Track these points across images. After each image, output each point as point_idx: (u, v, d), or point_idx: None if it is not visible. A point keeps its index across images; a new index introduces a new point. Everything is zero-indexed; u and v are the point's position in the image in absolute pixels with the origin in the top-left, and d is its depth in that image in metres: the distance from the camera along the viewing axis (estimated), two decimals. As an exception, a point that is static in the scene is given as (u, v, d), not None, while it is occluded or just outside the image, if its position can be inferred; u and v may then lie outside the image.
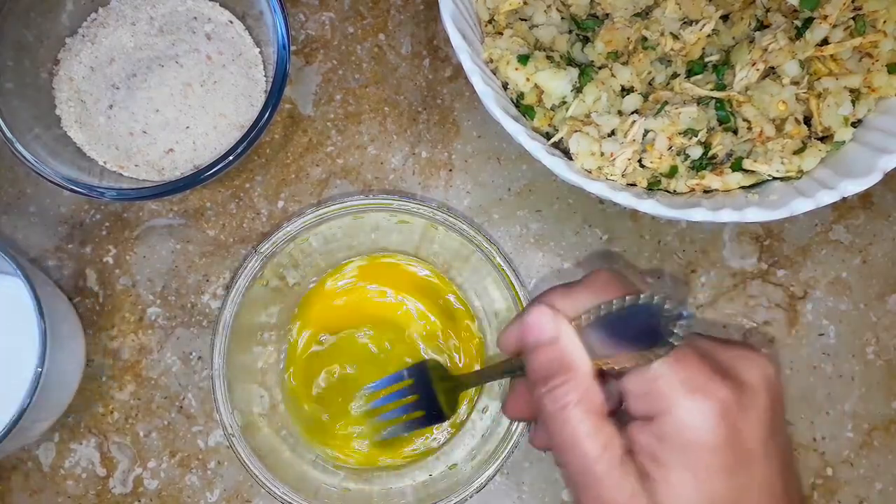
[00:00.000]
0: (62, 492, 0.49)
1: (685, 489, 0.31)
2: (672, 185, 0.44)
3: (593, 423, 0.32)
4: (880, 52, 0.42)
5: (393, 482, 0.47)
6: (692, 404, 0.31)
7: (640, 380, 0.32)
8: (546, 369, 0.34)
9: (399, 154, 0.51)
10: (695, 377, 0.31)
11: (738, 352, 0.34)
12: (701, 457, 0.31)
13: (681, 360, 0.32)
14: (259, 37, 0.49)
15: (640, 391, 0.32)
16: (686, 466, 0.31)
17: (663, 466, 0.31)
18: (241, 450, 0.44)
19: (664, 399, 0.31)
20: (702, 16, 0.44)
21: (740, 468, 0.31)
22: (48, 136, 0.46)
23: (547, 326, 0.34)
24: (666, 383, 0.31)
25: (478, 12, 0.47)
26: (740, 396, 0.32)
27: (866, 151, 0.41)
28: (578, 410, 0.32)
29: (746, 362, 0.33)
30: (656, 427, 0.32)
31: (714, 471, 0.31)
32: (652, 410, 0.32)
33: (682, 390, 0.31)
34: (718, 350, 0.33)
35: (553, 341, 0.34)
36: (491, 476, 0.45)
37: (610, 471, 0.32)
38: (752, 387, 0.32)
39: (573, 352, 0.33)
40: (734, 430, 0.31)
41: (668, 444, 0.31)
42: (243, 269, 0.45)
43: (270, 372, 0.48)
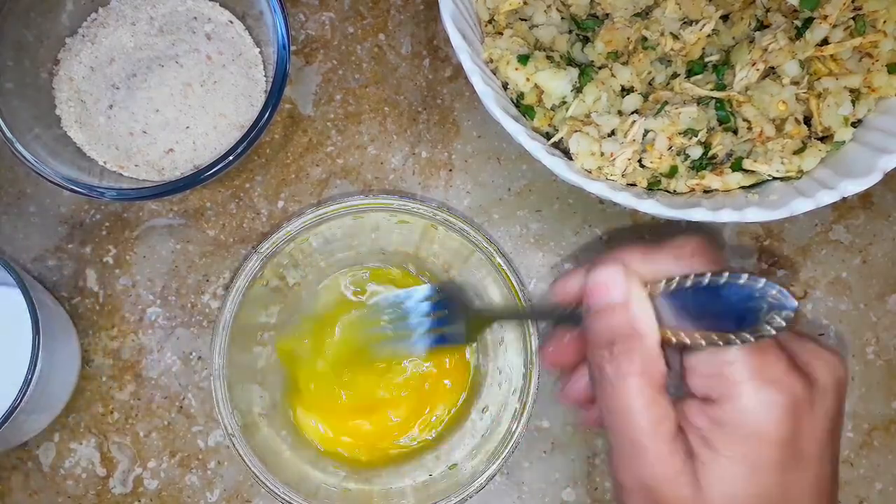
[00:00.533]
0: (62, 492, 0.49)
1: (734, 478, 0.30)
2: (672, 185, 0.44)
3: (650, 396, 0.31)
4: (880, 52, 0.42)
5: (393, 482, 0.47)
6: (763, 395, 0.30)
7: (710, 360, 0.31)
8: (610, 333, 0.32)
9: (399, 154, 0.51)
10: (771, 368, 0.31)
11: (815, 349, 0.33)
12: (759, 449, 0.30)
13: (759, 348, 0.31)
14: (259, 37, 0.49)
15: (709, 372, 0.31)
16: (739, 455, 0.30)
17: (714, 451, 0.31)
18: (241, 450, 0.44)
19: (733, 385, 0.30)
20: (702, 16, 0.44)
21: (795, 466, 0.31)
22: (48, 136, 0.46)
23: (617, 288, 0.32)
24: (738, 369, 0.30)
25: (478, 12, 0.47)
26: (811, 394, 0.31)
27: (866, 151, 0.41)
28: (639, 381, 0.31)
29: (821, 361, 0.32)
30: (717, 410, 0.31)
31: (768, 464, 0.30)
32: (716, 393, 0.31)
33: (754, 379, 0.30)
34: (795, 344, 0.33)
35: (623, 305, 0.32)
36: (491, 476, 0.45)
37: (659, 445, 0.31)
38: (823, 387, 0.32)
39: (643, 319, 0.32)
40: (798, 428, 0.31)
41: (726, 429, 0.31)
42: (243, 269, 0.45)
43: (270, 372, 0.48)
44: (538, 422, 0.49)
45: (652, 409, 0.31)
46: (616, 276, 0.33)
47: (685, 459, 0.31)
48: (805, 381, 0.31)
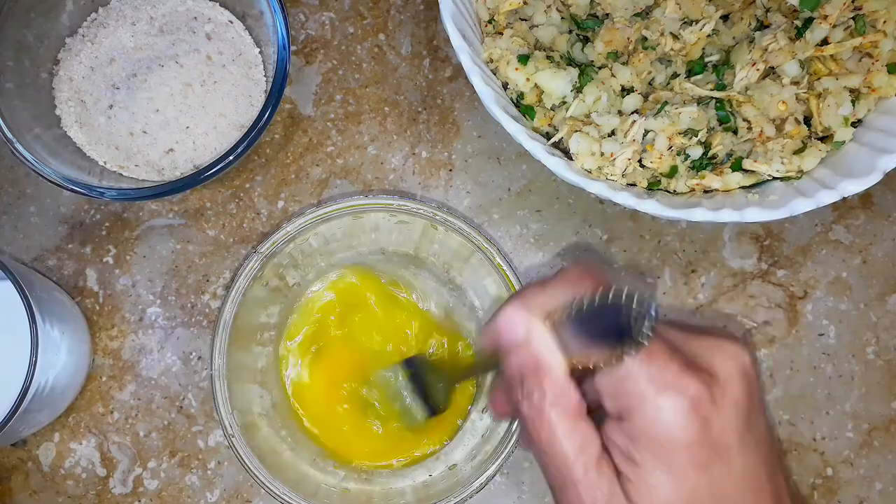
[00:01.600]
0: (62, 492, 0.49)
1: (661, 488, 0.31)
2: (672, 185, 0.44)
3: (569, 424, 0.32)
4: (880, 52, 0.42)
5: (393, 482, 0.47)
6: (662, 401, 0.31)
7: (611, 378, 0.32)
8: (520, 371, 0.33)
9: (399, 154, 0.51)
10: (664, 373, 0.31)
11: (711, 342, 0.33)
12: (674, 454, 0.31)
13: (651, 356, 0.31)
14: (259, 37, 0.49)
15: (613, 390, 0.32)
16: (660, 465, 0.31)
17: (637, 466, 0.31)
18: (241, 450, 0.44)
19: (634, 397, 0.31)
20: (702, 16, 0.44)
21: (716, 462, 0.31)
22: (48, 136, 0.46)
23: (518, 327, 0.33)
24: (636, 381, 0.31)
25: (478, 12, 0.47)
26: (712, 389, 0.31)
27: (866, 151, 0.41)
28: (554, 412, 0.32)
29: (718, 353, 0.33)
30: (628, 426, 0.31)
31: (689, 467, 0.31)
32: (624, 409, 0.31)
33: (651, 387, 0.31)
34: (691, 342, 0.33)
35: (525, 342, 0.33)
36: (491, 476, 0.45)
37: (587, 471, 0.32)
38: (724, 378, 0.32)
39: (545, 352, 0.33)
40: (706, 425, 0.31)
41: (640, 442, 0.31)
42: (243, 269, 0.45)
43: (270, 372, 0.48)
44: (538, 422, 0.49)
45: (572, 436, 0.32)
46: (515, 315, 0.33)
47: (613, 481, 0.32)
48: (702, 377, 0.31)
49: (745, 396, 0.32)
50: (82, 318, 0.49)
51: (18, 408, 0.40)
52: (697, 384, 0.31)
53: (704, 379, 0.31)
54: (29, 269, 0.48)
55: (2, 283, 0.44)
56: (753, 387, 0.33)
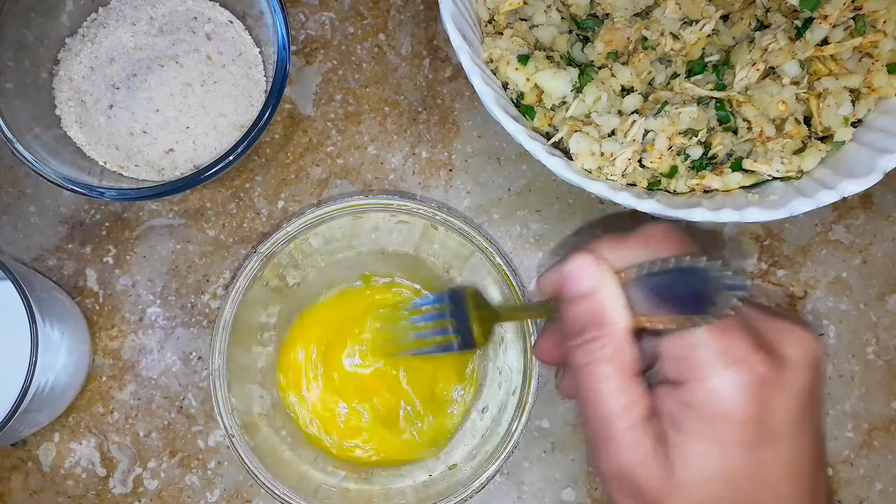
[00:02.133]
0: (62, 492, 0.49)
1: (704, 459, 0.31)
2: (672, 185, 0.44)
3: (620, 382, 0.32)
4: (880, 52, 0.42)
5: (393, 482, 0.47)
6: (727, 376, 0.30)
7: (678, 344, 0.31)
8: (581, 321, 0.33)
9: (399, 154, 0.51)
10: (735, 349, 0.31)
11: (785, 326, 0.33)
12: (725, 429, 0.30)
13: (724, 329, 0.31)
14: (259, 37, 0.49)
15: (677, 355, 0.31)
16: (707, 437, 0.31)
17: (684, 433, 0.31)
18: (241, 450, 0.44)
19: (699, 367, 0.31)
20: (702, 16, 0.44)
21: (765, 445, 0.31)
22: (48, 136, 0.46)
23: (588, 277, 0.33)
24: (704, 351, 0.31)
25: (478, 12, 0.47)
26: (779, 373, 0.31)
27: (866, 151, 0.41)
28: (608, 367, 0.32)
29: (792, 337, 0.32)
30: (685, 393, 0.31)
31: (736, 444, 0.30)
32: (684, 376, 0.31)
33: (719, 361, 0.30)
34: (765, 322, 0.33)
35: (592, 293, 0.33)
36: (491, 476, 0.45)
37: (629, 430, 0.31)
38: (793, 364, 0.31)
39: (612, 307, 0.32)
40: (766, 407, 0.30)
41: (693, 412, 0.31)
42: (243, 269, 0.45)
43: (270, 372, 0.48)
44: (538, 422, 0.49)
45: (621, 395, 0.32)
46: (585, 265, 0.33)
47: (656, 443, 0.31)
48: (772, 359, 0.31)
49: (810, 386, 0.32)
50: (82, 318, 0.49)
51: (18, 408, 0.41)
52: (767, 365, 0.31)
53: (774, 361, 0.31)
54: (29, 269, 0.48)
55: (2, 283, 0.44)
56: (818, 379, 0.33)
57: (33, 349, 0.41)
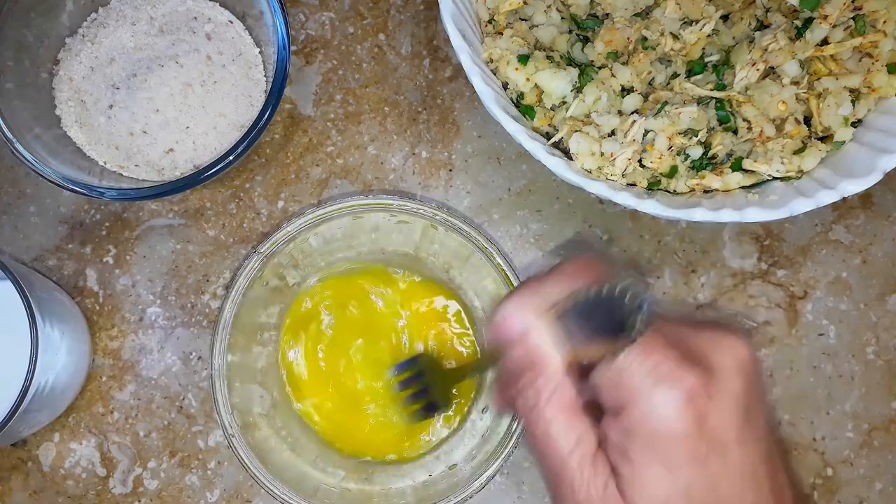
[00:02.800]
0: (62, 492, 0.49)
1: (656, 483, 0.30)
2: (672, 185, 0.44)
3: (565, 420, 0.32)
4: (880, 52, 0.42)
5: (393, 482, 0.47)
6: (657, 394, 0.30)
7: (608, 372, 0.31)
8: (517, 365, 0.33)
9: (399, 154, 0.51)
10: (660, 366, 0.31)
11: (709, 335, 0.33)
12: (669, 448, 0.30)
13: (647, 349, 0.31)
14: (259, 37, 0.49)
15: (608, 384, 0.31)
16: (654, 460, 0.30)
17: (632, 461, 0.31)
18: (241, 450, 0.44)
19: (630, 391, 0.31)
20: (702, 16, 0.44)
21: (712, 456, 0.31)
22: (48, 136, 0.46)
23: (516, 323, 0.33)
24: (631, 375, 0.31)
25: (478, 12, 0.47)
26: (709, 382, 0.31)
27: (866, 151, 0.41)
28: (550, 407, 0.32)
29: (717, 346, 0.32)
30: (624, 420, 0.31)
31: (683, 461, 0.30)
32: (620, 403, 0.31)
33: (647, 381, 0.30)
34: (688, 334, 0.33)
35: (523, 337, 0.33)
36: (491, 476, 0.45)
37: (582, 468, 0.31)
38: (722, 371, 0.31)
39: (542, 347, 0.32)
40: (702, 418, 0.30)
41: (635, 437, 0.31)
42: (243, 269, 0.45)
43: (270, 372, 0.48)
44: (538, 422, 0.49)
45: (569, 431, 0.32)
46: (513, 309, 0.33)
47: (608, 477, 0.31)
48: (699, 370, 0.31)
49: (744, 390, 0.32)
50: (82, 318, 0.49)
51: (18, 408, 0.41)
52: (693, 377, 0.31)
53: (701, 372, 0.31)
54: (29, 269, 0.48)
55: (2, 283, 0.44)
56: (753, 381, 0.32)
57: (33, 349, 0.41)
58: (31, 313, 0.41)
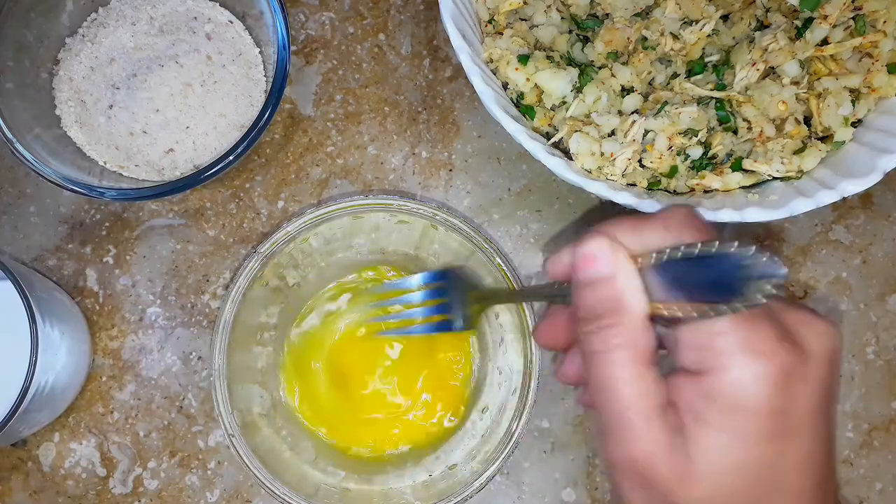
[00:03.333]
0: (62, 492, 0.49)
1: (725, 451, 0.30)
2: (672, 185, 0.44)
3: (636, 370, 0.31)
4: (880, 52, 0.42)
5: (393, 482, 0.47)
6: (751, 367, 0.29)
7: (700, 332, 0.30)
8: (597, 307, 0.32)
9: (399, 154, 0.51)
10: (759, 339, 0.30)
11: (807, 318, 0.32)
12: (748, 421, 0.30)
13: (748, 319, 0.30)
14: (259, 37, 0.49)
15: (698, 344, 0.30)
16: (729, 429, 0.30)
17: (705, 425, 0.30)
18: (241, 450, 0.44)
19: (722, 357, 0.30)
20: (702, 16, 0.44)
21: (786, 437, 0.30)
22: (48, 136, 0.46)
23: (605, 261, 0.32)
24: (727, 341, 0.30)
25: (478, 12, 0.47)
26: (802, 364, 0.30)
27: (866, 151, 0.41)
28: (624, 355, 0.31)
29: (813, 330, 0.31)
30: (706, 384, 0.30)
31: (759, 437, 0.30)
32: (705, 366, 0.30)
33: (743, 351, 0.29)
34: (787, 313, 0.32)
35: (609, 278, 0.31)
36: (491, 476, 0.45)
37: (644, 420, 0.30)
38: (815, 356, 0.31)
39: (629, 293, 0.31)
40: (790, 399, 0.30)
41: (715, 403, 0.30)
42: (243, 269, 0.45)
43: (270, 372, 0.48)
44: (538, 422, 0.49)
45: (638, 382, 0.31)
46: (602, 248, 0.32)
47: (673, 434, 0.30)
48: (796, 350, 0.30)
49: (831, 379, 0.31)
50: (82, 318, 0.49)
51: (18, 408, 0.41)
52: (792, 356, 0.30)
53: (798, 352, 0.30)
54: (29, 269, 0.48)
55: (2, 283, 0.44)
56: (838, 371, 0.32)
57: (33, 349, 0.41)
58: (31, 313, 0.41)
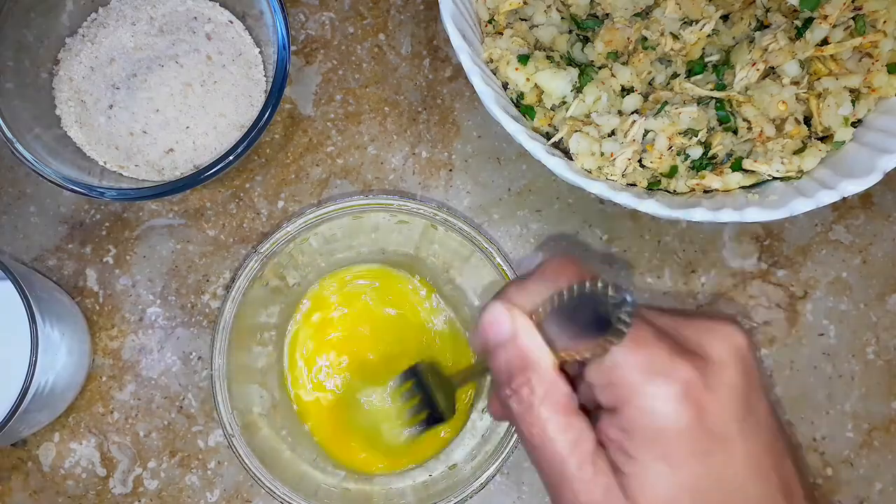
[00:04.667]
0: (62, 492, 0.49)
1: (659, 480, 0.30)
2: (672, 185, 0.44)
3: (561, 420, 0.31)
4: (880, 52, 0.42)
5: (393, 482, 0.47)
6: (652, 389, 0.30)
7: (600, 370, 0.31)
8: (507, 368, 0.32)
9: (399, 154, 0.51)
10: (654, 360, 0.30)
11: (702, 324, 0.32)
12: (670, 444, 0.30)
13: (639, 343, 0.30)
14: (259, 37, 0.49)
15: (603, 382, 0.31)
16: (656, 457, 0.30)
17: (633, 459, 0.30)
18: (241, 450, 0.44)
19: (625, 387, 0.30)
20: (702, 16, 0.44)
21: (715, 449, 0.30)
22: (48, 136, 0.46)
23: (503, 325, 0.32)
24: (625, 371, 0.30)
25: (478, 12, 0.47)
26: (705, 374, 0.30)
27: (866, 151, 0.41)
28: (544, 408, 0.31)
29: (711, 335, 0.31)
30: (622, 418, 0.30)
31: (686, 456, 0.30)
32: (616, 401, 0.30)
33: (640, 376, 0.30)
34: (680, 326, 0.32)
35: (511, 339, 0.32)
36: (491, 476, 0.45)
37: (582, 468, 0.31)
38: (718, 362, 0.31)
39: (531, 348, 0.32)
40: (701, 411, 0.30)
41: (635, 434, 0.30)
42: (243, 269, 0.45)
43: (270, 372, 0.48)
44: (538, 422, 0.49)
45: (565, 432, 0.31)
46: (498, 313, 0.33)
47: (610, 477, 0.31)
48: (694, 361, 0.30)
49: (742, 379, 0.31)
50: (82, 318, 0.49)
51: (18, 408, 0.41)
52: (688, 369, 0.30)
53: (696, 363, 0.30)
54: (29, 269, 0.48)
55: (2, 283, 0.44)
56: (750, 369, 0.32)
57: (33, 349, 0.41)
58: (31, 313, 0.41)
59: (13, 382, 0.41)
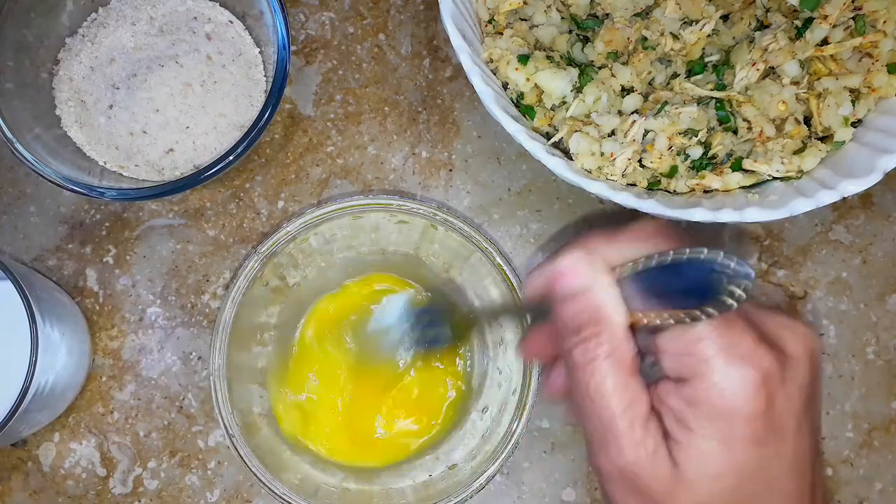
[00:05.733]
0: (62, 492, 0.49)
1: (711, 456, 0.30)
2: (672, 185, 0.44)
3: (620, 380, 0.31)
4: (880, 52, 0.42)
5: (393, 482, 0.47)
6: (733, 371, 0.30)
7: (680, 339, 0.31)
8: (578, 319, 0.32)
9: (399, 154, 0.51)
10: (739, 344, 0.30)
11: (784, 321, 0.33)
12: (732, 425, 0.30)
13: (726, 324, 0.30)
14: (259, 37, 0.49)
15: (678, 351, 0.31)
16: (714, 434, 0.30)
17: (690, 431, 0.30)
18: (241, 450, 0.44)
19: (703, 363, 0.30)
20: (702, 16, 0.44)
21: (771, 440, 0.31)
22: (48, 136, 0.46)
23: (581, 274, 0.32)
24: (708, 346, 0.30)
25: (478, 12, 0.47)
26: (783, 368, 0.31)
27: (866, 151, 0.41)
28: (607, 365, 0.31)
29: (792, 333, 0.32)
30: (689, 390, 0.31)
31: (744, 440, 0.30)
32: (687, 372, 0.31)
33: (723, 356, 0.30)
34: (764, 317, 0.32)
35: (587, 290, 0.32)
36: (491, 476, 0.45)
37: (631, 429, 0.31)
38: (795, 359, 0.31)
39: (608, 304, 0.32)
40: (771, 402, 0.30)
41: (699, 408, 0.30)
42: (243, 269, 0.45)
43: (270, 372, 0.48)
44: (538, 422, 0.49)
45: (623, 392, 0.31)
46: (579, 262, 0.33)
47: (660, 441, 0.31)
48: (775, 353, 0.31)
49: (811, 380, 0.32)
50: (82, 318, 0.49)
51: (18, 408, 0.41)
52: (771, 360, 0.30)
53: (777, 356, 0.31)
54: (29, 269, 0.48)
55: (2, 283, 0.44)
56: (818, 373, 0.33)
57: (33, 349, 0.41)
58: (31, 313, 0.41)
59: (13, 382, 0.41)
